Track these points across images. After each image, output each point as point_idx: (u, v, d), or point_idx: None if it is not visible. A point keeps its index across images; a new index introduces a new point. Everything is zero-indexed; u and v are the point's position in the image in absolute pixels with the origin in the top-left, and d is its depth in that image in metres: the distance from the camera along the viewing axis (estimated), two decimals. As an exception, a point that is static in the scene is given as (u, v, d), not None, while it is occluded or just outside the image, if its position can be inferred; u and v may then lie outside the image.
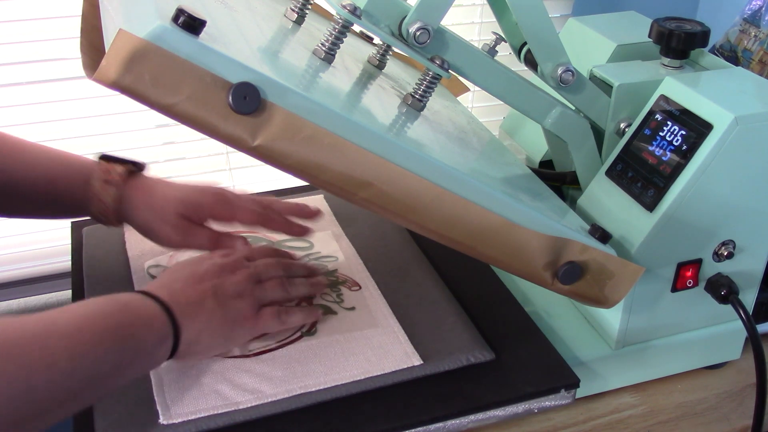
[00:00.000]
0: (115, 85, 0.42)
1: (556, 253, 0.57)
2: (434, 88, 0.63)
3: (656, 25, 0.68)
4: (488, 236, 0.55)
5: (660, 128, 0.63)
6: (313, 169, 0.49)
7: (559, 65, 0.65)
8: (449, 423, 0.59)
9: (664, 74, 0.67)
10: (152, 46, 0.42)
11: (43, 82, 0.95)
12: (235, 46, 0.49)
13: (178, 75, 0.43)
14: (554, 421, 0.67)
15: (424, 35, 0.60)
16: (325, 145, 0.49)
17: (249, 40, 0.54)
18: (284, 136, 0.47)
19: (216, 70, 0.44)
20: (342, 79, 0.60)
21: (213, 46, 0.45)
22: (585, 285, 0.59)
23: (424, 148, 0.56)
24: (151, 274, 0.71)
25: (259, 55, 0.52)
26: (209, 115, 0.45)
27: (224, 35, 0.49)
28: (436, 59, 0.61)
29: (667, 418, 0.68)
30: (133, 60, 0.42)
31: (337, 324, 0.66)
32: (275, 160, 0.48)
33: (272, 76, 0.47)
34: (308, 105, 0.48)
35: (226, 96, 0.45)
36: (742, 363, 0.73)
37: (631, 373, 0.70)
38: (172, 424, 0.56)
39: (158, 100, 0.44)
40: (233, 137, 0.46)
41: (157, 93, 0.43)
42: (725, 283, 0.65)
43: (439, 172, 0.53)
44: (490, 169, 0.66)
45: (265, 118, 0.46)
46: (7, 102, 0.95)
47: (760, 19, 0.93)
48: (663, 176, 0.61)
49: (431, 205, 0.53)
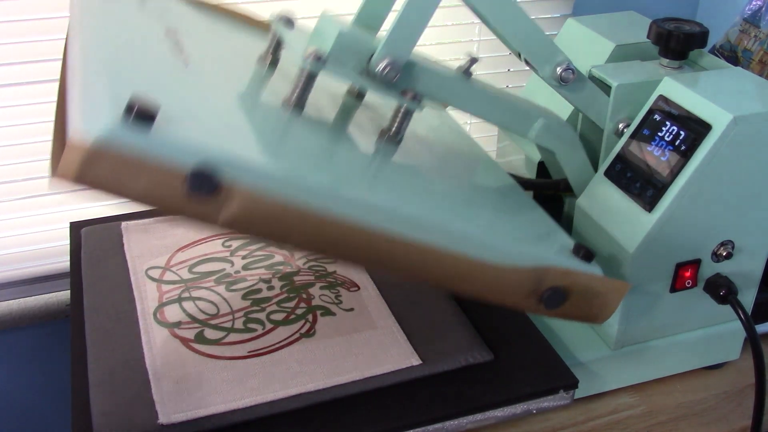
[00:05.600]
0: (75, 185, 0.43)
1: (537, 282, 0.57)
2: (409, 120, 0.62)
3: (655, 26, 0.68)
4: (463, 278, 0.55)
5: (659, 128, 0.63)
6: (279, 237, 0.50)
7: (557, 65, 0.65)
8: (448, 423, 0.59)
9: (663, 74, 0.67)
10: (103, 151, 0.42)
11: (41, 83, 0.95)
12: (193, 121, 0.48)
13: (134, 171, 0.44)
14: (553, 422, 0.67)
15: (392, 72, 0.59)
16: (288, 217, 0.49)
17: (211, 105, 0.53)
18: (245, 213, 0.47)
19: (170, 159, 0.44)
20: (312, 130, 0.59)
21: (166, 135, 0.44)
22: (571, 307, 0.59)
23: (395, 196, 0.55)
24: (149, 276, 0.71)
25: (218, 125, 0.50)
26: (171, 201, 0.45)
27: (182, 109, 0.49)
28: (408, 92, 0.61)
29: (666, 419, 0.68)
30: (87, 164, 0.42)
31: (336, 325, 0.66)
32: (242, 233, 0.49)
33: (229, 154, 0.46)
34: (267, 180, 0.47)
35: (182, 184, 0.45)
36: (741, 363, 0.73)
37: (629, 373, 0.70)
38: (171, 424, 0.56)
39: (118, 194, 0.44)
40: (199, 217, 0.47)
41: (116, 189, 0.44)
42: (724, 283, 0.65)
43: (407, 224, 0.52)
44: (470, 195, 0.64)
45: (225, 197, 0.46)
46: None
47: (760, 19, 0.93)
48: (662, 176, 0.61)
49: (401, 258, 0.53)
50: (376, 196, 0.53)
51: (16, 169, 0.96)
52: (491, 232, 0.57)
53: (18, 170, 0.96)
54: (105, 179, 0.43)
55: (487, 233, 0.56)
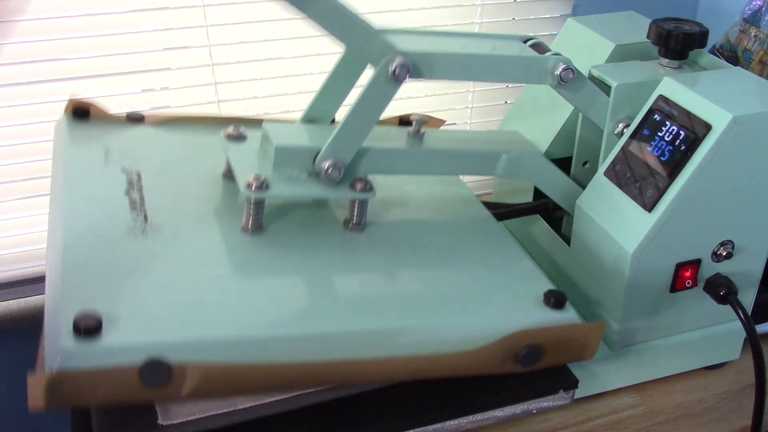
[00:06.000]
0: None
1: (509, 348, 0.57)
2: (366, 206, 0.64)
3: (655, 26, 0.68)
4: (437, 372, 0.56)
5: (659, 128, 0.63)
6: (242, 391, 0.53)
7: (558, 65, 0.64)
8: (448, 424, 0.59)
9: (662, 74, 0.67)
10: (60, 375, 0.46)
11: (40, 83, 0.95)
12: (140, 311, 0.52)
13: (94, 381, 0.47)
14: (553, 422, 0.67)
15: (335, 172, 0.62)
16: (246, 375, 0.51)
17: (161, 281, 0.55)
18: (203, 384, 0.49)
19: (121, 363, 0.47)
20: (272, 257, 0.60)
21: (114, 340, 0.48)
22: (551, 358, 0.59)
23: (349, 318, 0.55)
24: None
25: (164, 307, 0.53)
26: (135, 395, 0.48)
27: (132, 299, 0.52)
28: (358, 184, 0.63)
29: (666, 419, 0.68)
30: (50, 392, 0.46)
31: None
32: (210, 397, 0.53)
33: (174, 340, 0.50)
34: (213, 350, 0.50)
35: (138, 379, 0.48)
36: (741, 363, 0.73)
37: (629, 373, 0.70)
38: (171, 424, 0.56)
39: (88, 403, 0.48)
40: (164, 399, 0.52)
41: (84, 400, 0.48)
42: (724, 283, 0.65)
43: (367, 345, 0.54)
44: (439, 266, 0.63)
45: (180, 377, 0.49)
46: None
47: (760, 19, 0.93)
48: (662, 176, 0.61)
49: (368, 374, 0.54)
50: (330, 325, 0.54)
51: (16, 169, 0.96)
52: (457, 318, 0.57)
53: (18, 170, 0.96)
54: (71, 396, 0.47)
55: (452, 322, 0.57)
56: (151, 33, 0.95)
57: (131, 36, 0.95)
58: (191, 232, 0.61)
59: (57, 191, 0.64)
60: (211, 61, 0.98)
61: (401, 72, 0.60)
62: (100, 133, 0.73)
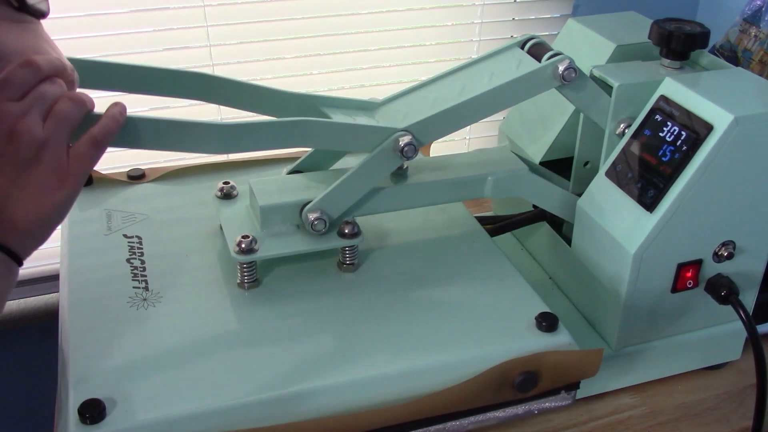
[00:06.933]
0: None
1: (503, 377, 0.57)
2: (358, 249, 0.66)
3: (656, 27, 0.68)
4: (436, 410, 0.57)
5: (660, 129, 0.63)
6: None
7: (559, 63, 0.64)
8: (449, 424, 0.59)
9: (664, 75, 0.66)
10: None
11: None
12: (144, 386, 0.54)
13: None
14: (554, 422, 0.67)
15: (321, 224, 0.63)
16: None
17: (162, 356, 0.57)
18: None
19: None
20: (268, 314, 0.62)
21: (117, 424, 0.51)
22: (549, 382, 0.59)
23: (348, 360, 0.57)
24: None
25: (164, 383, 0.55)
26: None
27: (136, 377, 0.55)
28: (345, 227, 0.64)
29: (667, 419, 0.68)
30: None
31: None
32: None
33: (180, 412, 0.52)
34: (218, 419, 0.53)
35: None
36: (742, 364, 0.73)
37: (631, 374, 0.70)
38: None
39: None
40: None
41: None
42: (725, 283, 0.65)
43: (356, 398, 0.55)
44: (431, 301, 0.64)
45: None
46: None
47: (760, 19, 0.93)
48: (663, 177, 0.61)
49: (369, 424, 0.55)
50: (324, 380, 0.56)
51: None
52: (450, 356, 0.58)
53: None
54: None
55: (445, 360, 0.58)
56: (151, 33, 0.95)
57: (131, 36, 0.95)
58: (190, 295, 0.64)
59: (64, 263, 0.68)
60: (212, 61, 0.98)
61: (409, 150, 0.62)
62: (102, 197, 0.77)
